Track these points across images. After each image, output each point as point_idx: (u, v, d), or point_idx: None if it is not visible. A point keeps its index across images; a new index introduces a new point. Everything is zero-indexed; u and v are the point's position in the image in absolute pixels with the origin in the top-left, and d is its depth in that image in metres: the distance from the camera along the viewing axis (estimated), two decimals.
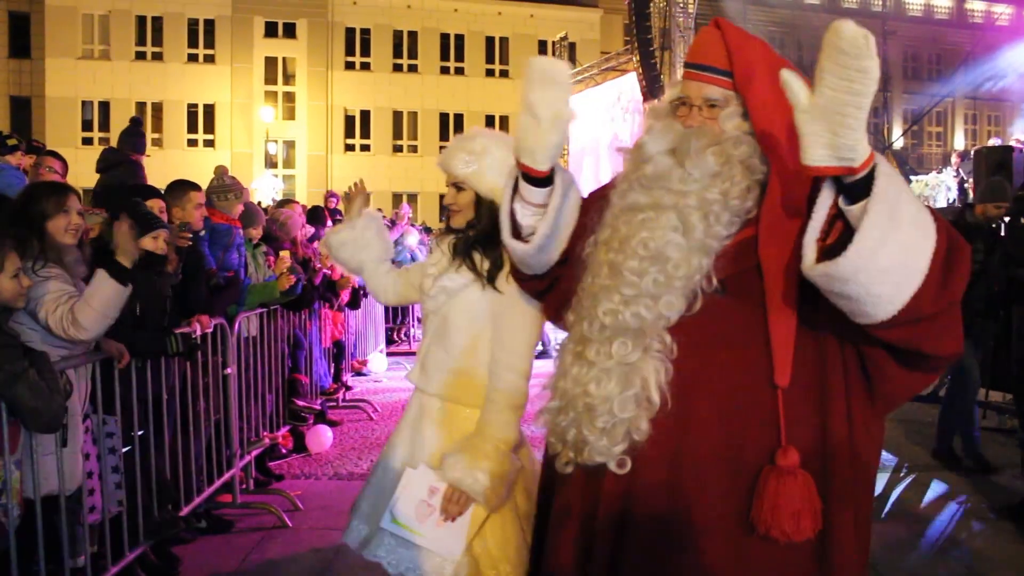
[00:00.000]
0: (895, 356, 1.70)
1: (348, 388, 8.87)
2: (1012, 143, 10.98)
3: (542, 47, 32.87)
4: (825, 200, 1.58)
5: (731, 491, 1.76)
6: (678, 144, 1.83)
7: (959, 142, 33.63)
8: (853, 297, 1.54)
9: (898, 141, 28.20)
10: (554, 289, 2.20)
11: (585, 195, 2.19)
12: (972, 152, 15.26)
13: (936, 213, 1.61)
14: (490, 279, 2.54)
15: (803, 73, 1.63)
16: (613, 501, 1.84)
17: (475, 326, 2.59)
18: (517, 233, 2.11)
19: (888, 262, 1.49)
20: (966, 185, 14.56)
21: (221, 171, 6.75)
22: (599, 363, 1.80)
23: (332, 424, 7.46)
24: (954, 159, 16.06)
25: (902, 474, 6.04)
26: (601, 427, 1.79)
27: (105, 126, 31.26)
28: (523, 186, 2.03)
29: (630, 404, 1.77)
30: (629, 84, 19.67)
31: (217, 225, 5.58)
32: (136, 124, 8.24)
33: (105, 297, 3.40)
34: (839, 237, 1.57)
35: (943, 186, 15.41)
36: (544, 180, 2.00)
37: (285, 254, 6.36)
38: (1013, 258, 5.30)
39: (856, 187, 1.52)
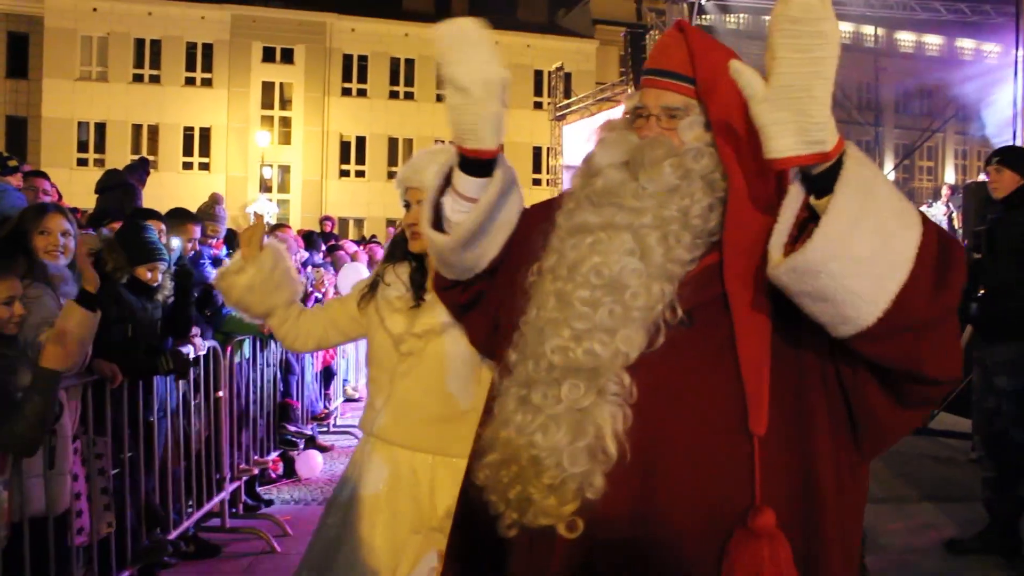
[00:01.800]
0: (885, 387, 1.49)
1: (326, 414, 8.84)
2: None
3: (538, 77, 33.16)
4: (793, 199, 1.43)
5: (701, 557, 1.51)
6: (631, 156, 1.62)
7: (950, 176, 33.92)
8: (828, 296, 1.35)
9: (890, 175, 28.42)
10: (478, 307, 1.96)
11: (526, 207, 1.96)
12: (962, 187, 15.39)
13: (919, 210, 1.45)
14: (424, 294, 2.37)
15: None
16: (563, 570, 1.57)
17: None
18: (439, 227, 1.86)
19: (863, 249, 1.33)
20: (953, 217, 14.68)
21: (215, 198, 6.78)
22: (546, 409, 1.53)
23: (322, 449, 7.43)
24: (944, 192, 16.18)
25: (876, 504, 6.02)
26: (549, 483, 1.51)
27: (101, 147, 31.36)
28: (458, 176, 1.79)
29: (582, 456, 1.50)
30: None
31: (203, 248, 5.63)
32: (142, 163, 8.31)
33: (74, 326, 3.39)
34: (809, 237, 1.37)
35: (933, 219, 15.48)
36: (484, 169, 1.77)
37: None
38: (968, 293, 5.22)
39: (826, 177, 1.36)
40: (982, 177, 17.22)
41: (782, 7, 1.29)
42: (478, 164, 1.76)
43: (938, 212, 15.64)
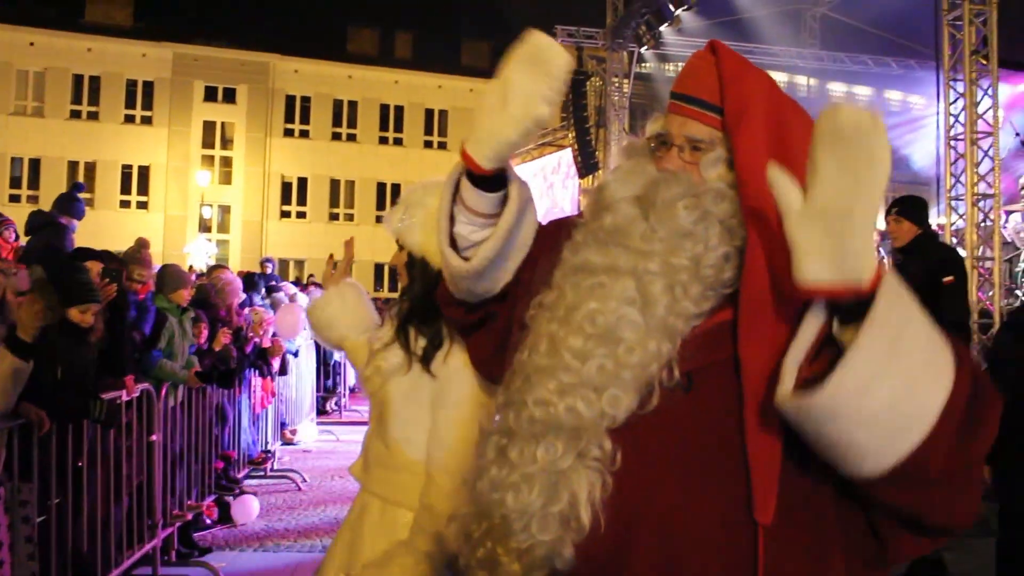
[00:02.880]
0: (891, 515, 1.33)
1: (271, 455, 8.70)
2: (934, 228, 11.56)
3: None
4: (814, 318, 1.25)
5: None
6: (646, 191, 1.47)
7: (881, 223, 34.95)
8: (832, 443, 1.21)
9: None
10: (486, 328, 1.80)
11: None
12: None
13: (962, 347, 1.27)
14: (424, 360, 2.19)
15: (806, 114, 1.47)
16: None
17: (414, 414, 2.24)
18: (454, 243, 1.68)
19: (880, 405, 1.16)
20: (884, 263, 15.14)
21: (141, 243, 6.68)
22: (521, 466, 1.37)
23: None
24: (874, 239, 16.71)
25: None
26: (516, 547, 1.36)
27: (35, 184, 30.69)
28: (466, 187, 1.60)
29: (553, 523, 1.34)
30: (567, 158, 20.15)
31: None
32: (76, 189, 8.14)
33: (3, 375, 3.31)
34: (828, 365, 1.20)
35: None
36: (492, 184, 1.59)
37: (224, 332, 6.32)
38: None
39: (857, 309, 1.19)
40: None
41: (828, 119, 1.14)
42: (483, 177, 1.58)
43: None
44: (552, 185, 21.11)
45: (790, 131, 1.44)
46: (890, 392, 1.17)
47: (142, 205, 32.17)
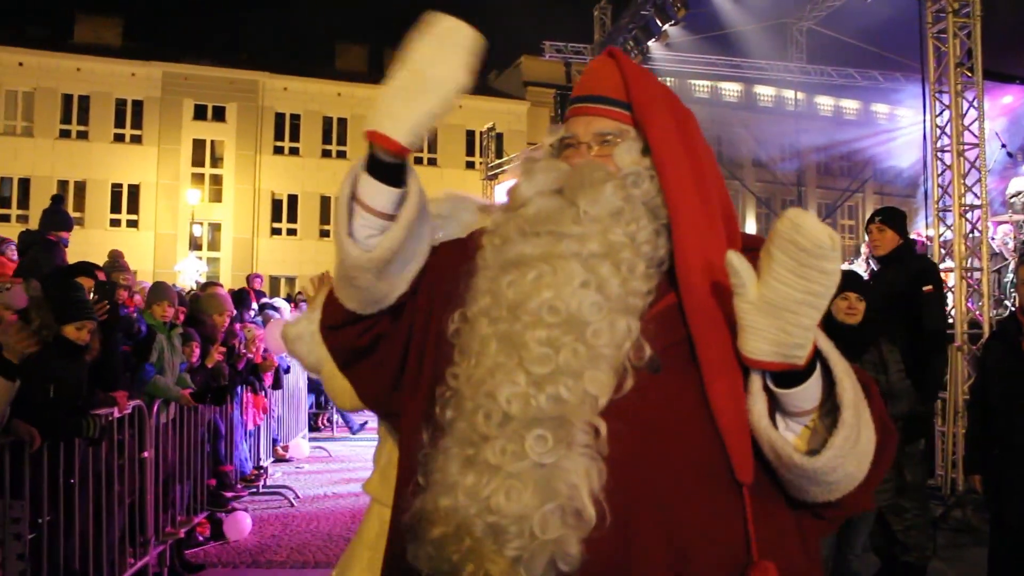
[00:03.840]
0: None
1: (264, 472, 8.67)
2: (913, 236, 11.64)
3: (470, 137, 33.50)
4: (757, 383, 1.37)
5: None
6: (566, 181, 1.49)
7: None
8: (787, 482, 1.39)
9: None
10: (375, 354, 1.62)
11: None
12: None
13: (871, 385, 1.45)
14: None
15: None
16: None
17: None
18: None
19: (839, 475, 1.35)
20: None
21: (114, 254, 6.69)
22: (506, 466, 1.31)
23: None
24: (863, 250, 16.77)
25: None
26: (514, 556, 1.29)
27: (24, 203, 30.59)
28: (365, 181, 1.48)
29: (554, 521, 1.28)
30: None
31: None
32: (56, 202, 8.15)
33: None
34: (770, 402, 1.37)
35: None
36: (393, 175, 1.48)
37: (218, 349, 6.33)
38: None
39: (790, 376, 1.33)
40: None
41: (791, 231, 1.22)
42: (386, 166, 1.47)
43: (859, 269, 16.17)
44: None
45: (689, 125, 1.58)
46: (851, 467, 1.35)
47: (132, 223, 32.10)
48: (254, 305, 10.63)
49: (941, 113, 9.39)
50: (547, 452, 1.31)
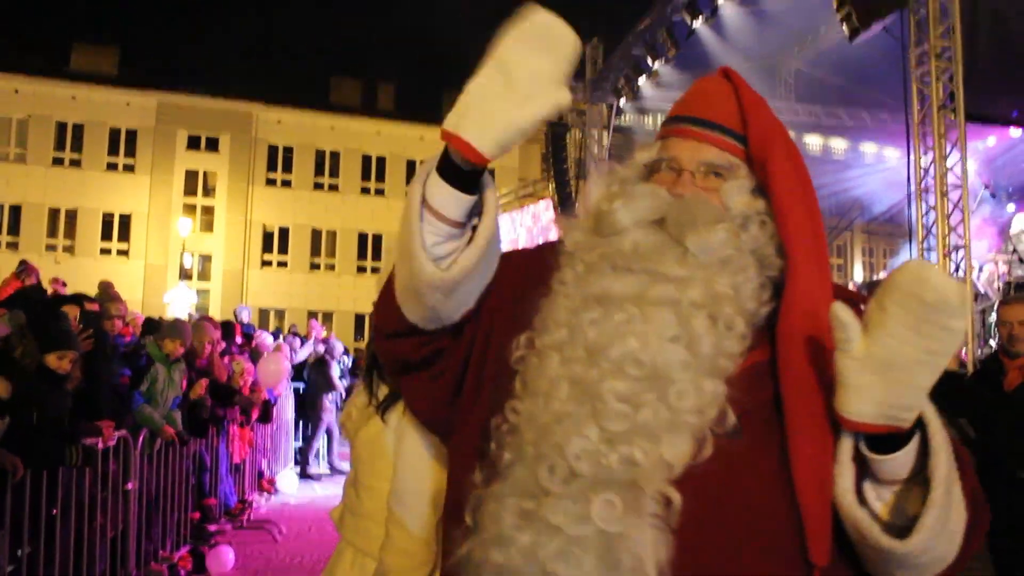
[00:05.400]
0: None
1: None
2: None
3: None
4: (846, 453, 1.23)
5: None
6: (672, 213, 1.33)
7: (858, 273, 35.34)
8: (874, 566, 1.25)
9: None
10: (434, 367, 1.49)
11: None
12: (867, 284, 16.07)
13: (965, 459, 1.29)
14: (381, 408, 2.10)
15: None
16: None
17: (377, 463, 2.17)
18: None
19: (929, 558, 1.21)
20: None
21: (103, 285, 6.72)
22: (568, 529, 1.19)
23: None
24: (851, 288, 16.94)
25: None
26: None
27: (15, 230, 30.56)
28: (437, 184, 1.34)
29: None
30: (545, 208, 20.41)
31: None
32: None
33: None
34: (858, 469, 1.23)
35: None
36: (468, 182, 1.34)
37: (202, 383, 6.34)
38: None
39: (889, 440, 1.19)
40: (881, 274, 18.05)
41: (916, 284, 1.10)
42: (460, 171, 1.33)
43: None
44: (531, 242, 21.34)
45: (801, 163, 1.43)
46: (942, 549, 1.22)
47: (122, 253, 32.05)
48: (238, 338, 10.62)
49: (925, 154, 9.51)
50: (614, 519, 1.18)
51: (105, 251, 31.88)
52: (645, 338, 1.24)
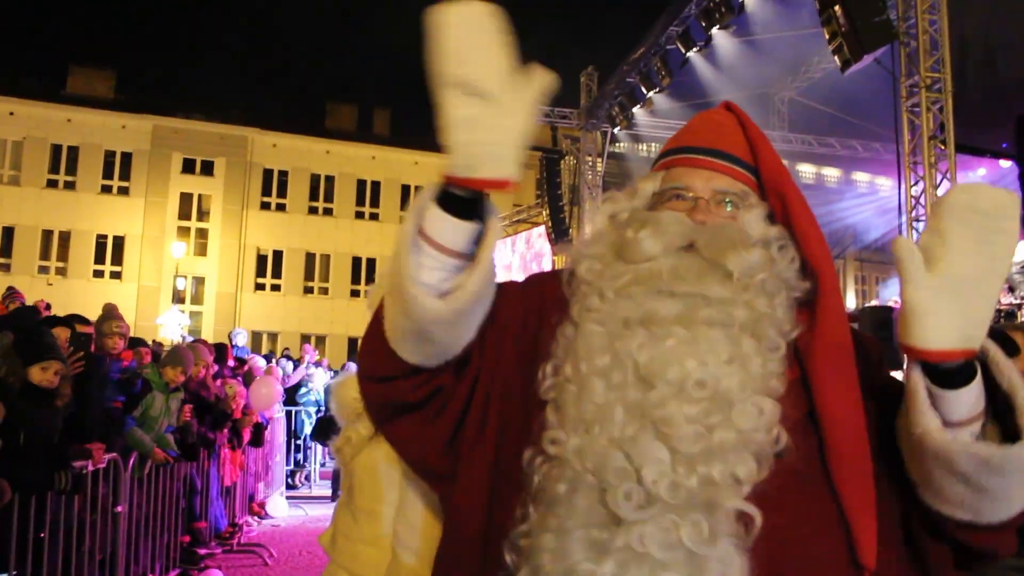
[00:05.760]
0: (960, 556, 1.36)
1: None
2: (891, 303, 11.82)
3: None
4: (917, 379, 1.24)
5: None
6: (701, 239, 1.35)
7: (851, 301, 35.45)
8: (986, 491, 1.22)
9: None
10: (428, 408, 1.41)
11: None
12: (859, 311, 16.15)
13: None
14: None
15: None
16: None
17: (380, 488, 2.18)
18: None
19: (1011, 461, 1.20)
20: None
21: (108, 307, 6.73)
22: (658, 554, 1.17)
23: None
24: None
25: None
26: None
27: (7, 252, 30.52)
28: (437, 216, 1.30)
29: None
30: (539, 235, 20.49)
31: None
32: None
33: None
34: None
35: None
36: (468, 209, 1.30)
37: (188, 408, 6.32)
38: None
39: (958, 372, 1.21)
40: (873, 302, 18.14)
41: (967, 196, 1.18)
42: (463, 201, 1.29)
43: None
44: (523, 269, 21.35)
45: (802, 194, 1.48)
46: (1016, 480, 1.21)
47: (116, 275, 31.99)
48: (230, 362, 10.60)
49: (916, 183, 9.59)
50: (703, 541, 1.18)
51: (98, 273, 31.84)
52: (702, 358, 1.24)
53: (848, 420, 1.30)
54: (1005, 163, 13.72)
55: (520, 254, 21.97)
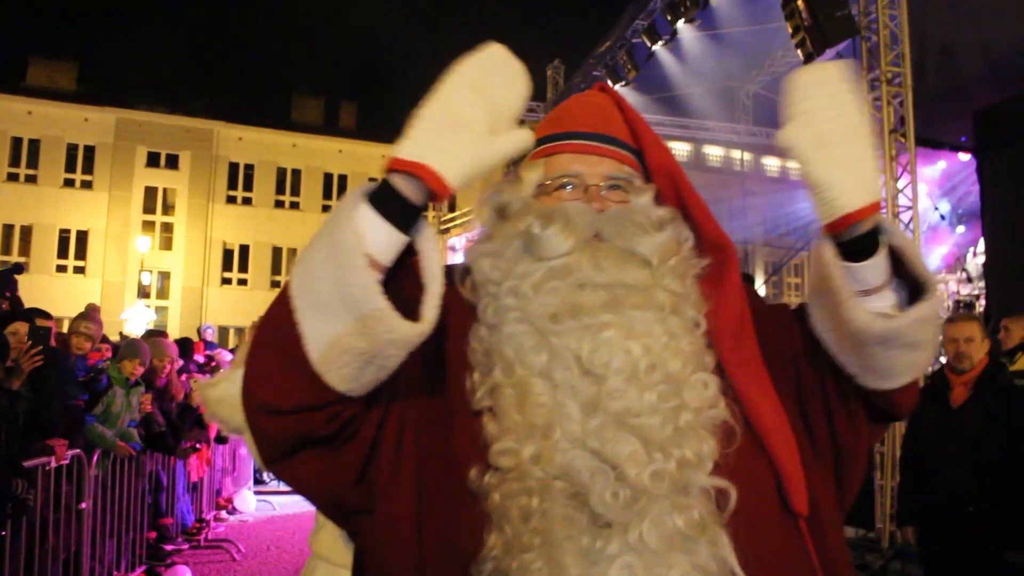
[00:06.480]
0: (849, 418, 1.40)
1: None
2: None
3: None
4: (833, 261, 1.29)
5: None
6: (607, 227, 1.34)
7: None
8: (888, 363, 1.31)
9: (760, 290, 29.78)
10: (333, 440, 1.22)
11: None
12: None
13: None
14: None
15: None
16: None
17: None
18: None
19: (927, 335, 1.31)
20: None
21: (91, 307, 6.69)
22: (656, 546, 1.15)
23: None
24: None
25: None
26: None
27: None
28: (368, 220, 1.19)
29: None
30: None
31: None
32: (17, 270, 8.06)
33: None
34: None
35: None
36: (408, 217, 1.20)
37: (147, 398, 6.29)
38: None
39: (863, 239, 1.28)
40: None
41: (815, 74, 1.30)
42: (401, 209, 1.19)
43: None
44: None
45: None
46: (935, 326, 1.31)
47: (79, 270, 31.60)
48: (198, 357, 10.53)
49: None
50: (695, 524, 1.16)
51: (61, 268, 31.43)
52: (646, 344, 1.23)
53: (753, 382, 1.33)
54: (964, 156, 13.96)
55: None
